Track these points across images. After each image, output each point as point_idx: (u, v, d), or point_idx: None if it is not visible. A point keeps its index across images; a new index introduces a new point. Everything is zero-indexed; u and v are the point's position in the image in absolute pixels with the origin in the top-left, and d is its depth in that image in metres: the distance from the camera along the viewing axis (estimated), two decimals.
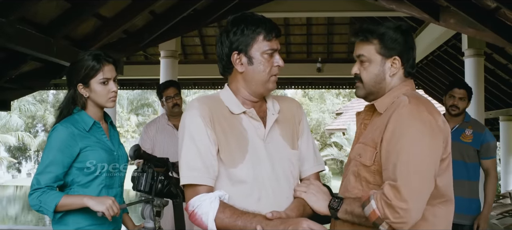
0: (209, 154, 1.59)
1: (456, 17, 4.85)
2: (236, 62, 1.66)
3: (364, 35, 1.70)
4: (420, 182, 1.50)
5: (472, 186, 3.38)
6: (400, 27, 1.70)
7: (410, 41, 1.71)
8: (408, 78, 1.73)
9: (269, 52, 1.64)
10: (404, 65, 1.70)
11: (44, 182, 2.04)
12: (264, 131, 1.68)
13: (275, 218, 1.53)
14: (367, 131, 1.74)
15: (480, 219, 3.37)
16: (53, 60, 4.32)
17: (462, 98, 3.38)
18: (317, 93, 26.96)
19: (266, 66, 1.65)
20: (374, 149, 1.63)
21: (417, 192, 1.49)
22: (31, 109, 24.74)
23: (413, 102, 1.59)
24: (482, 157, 3.38)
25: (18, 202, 17.85)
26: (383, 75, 1.69)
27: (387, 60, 1.68)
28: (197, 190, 1.58)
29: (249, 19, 1.65)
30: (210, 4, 6.05)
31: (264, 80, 1.66)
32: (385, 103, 1.68)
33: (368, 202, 1.52)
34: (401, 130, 1.54)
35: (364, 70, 1.71)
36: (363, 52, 1.70)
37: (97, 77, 2.13)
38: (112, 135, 2.30)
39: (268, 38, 1.63)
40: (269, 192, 1.63)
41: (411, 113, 1.55)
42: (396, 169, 1.50)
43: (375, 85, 1.71)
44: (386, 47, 1.67)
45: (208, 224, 1.53)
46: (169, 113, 3.84)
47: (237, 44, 1.64)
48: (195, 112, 1.62)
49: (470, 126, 3.39)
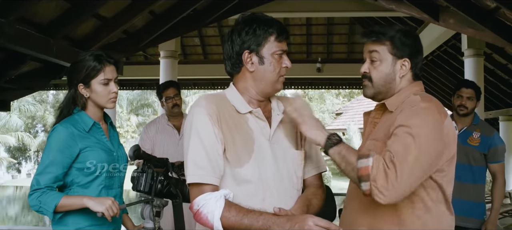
0: (215, 153, 1.59)
1: (456, 17, 4.85)
2: (247, 61, 1.66)
3: (376, 36, 1.73)
4: (418, 169, 1.52)
5: (478, 189, 3.34)
6: (409, 31, 1.75)
7: (419, 45, 1.76)
8: (416, 80, 1.77)
9: (279, 53, 1.67)
10: (413, 68, 1.74)
11: (44, 183, 2.04)
12: (270, 131, 1.69)
13: (282, 214, 1.53)
14: (377, 128, 1.76)
15: (488, 224, 3.32)
16: (53, 60, 4.32)
17: (470, 97, 3.33)
18: (316, 94, 26.98)
19: (276, 67, 1.67)
20: (384, 145, 1.63)
21: (411, 177, 1.51)
22: (31, 110, 24.74)
23: (426, 100, 1.63)
24: (490, 161, 3.32)
25: (18, 202, 17.85)
26: (393, 76, 1.73)
27: (398, 61, 1.72)
28: (202, 189, 1.58)
29: (262, 19, 1.66)
30: (210, 4, 6.05)
31: (274, 80, 1.68)
32: (396, 103, 1.71)
33: (366, 157, 1.53)
34: (413, 120, 1.57)
35: (375, 69, 1.74)
36: (376, 49, 1.73)
37: (98, 78, 2.13)
38: (112, 135, 2.30)
39: (279, 39, 1.66)
40: (273, 192, 1.64)
41: (423, 108, 1.60)
42: (400, 148, 1.52)
43: (384, 85, 1.74)
44: (397, 48, 1.71)
45: (214, 223, 1.52)
46: (168, 113, 3.84)
47: (249, 43, 1.65)
48: (202, 111, 1.61)
49: (478, 129, 3.34)
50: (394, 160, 1.50)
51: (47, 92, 24.44)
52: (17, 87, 4.99)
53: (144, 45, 6.07)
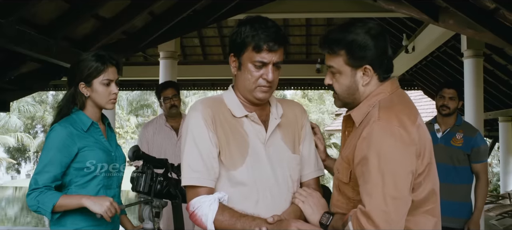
0: (210, 156, 1.62)
1: (455, 18, 4.85)
2: (231, 63, 1.69)
3: (329, 48, 1.58)
4: (391, 205, 1.41)
5: (463, 189, 3.36)
6: (369, 32, 1.54)
7: (381, 45, 1.56)
8: (384, 81, 1.60)
9: (257, 64, 1.62)
10: (377, 71, 1.57)
11: (42, 182, 2.04)
12: (265, 134, 1.69)
13: (275, 222, 1.56)
14: (347, 143, 1.65)
15: (470, 224, 3.34)
16: (52, 61, 4.32)
17: (452, 98, 3.37)
18: (316, 94, 26.97)
19: (252, 76, 1.64)
20: (349, 166, 1.57)
21: (389, 215, 1.41)
22: (31, 110, 24.75)
23: (383, 117, 1.48)
24: (473, 161, 3.35)
25: (17, 203, 17.83)
26: (355, 86, 1.58)
27: (357, 70, 1.56)
28: (197, 191, 1.61)
29: (252, 25, 1.61)
30: (210, 5, 6.05)
31: (250, 88, 1.66)
32: (361, 114, 1.58)
33: (346, 224, 1.50)
34: (370, 151, 1.45)
35: (336, 82, 1.61)
36: (332, 64, 1.59)
37: (100, 78, 2.14)
38: (109, 136, 2.30)
39: (257, 50, 1.59)
40: (267, 195, 1.65)
41: (381, 130, 1.46)
42: (365, 192, 1.45)
43: (349, 96, 1.61)
44: (354, 57, 1.54)
45: (208, 226, 1.57)
46: (167, 114, 3.82)
47: (233, 46, 1.66)
48: (198, 115, 1.64)
49: (461, 130, 3.38)
50: (366, 211, 1.42)
51: (46, 93, 24.43)
52: (17, 88, 4.98)
53: (144, 46, 6.06)
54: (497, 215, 8.48)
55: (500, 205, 9.46)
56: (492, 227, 8.10)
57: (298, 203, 1.69)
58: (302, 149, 1.79)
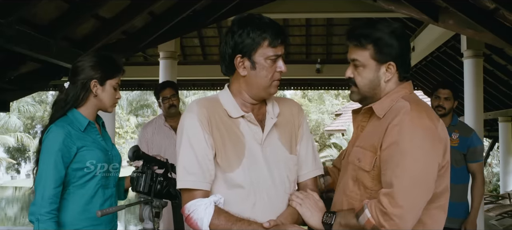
0: (206, 159, 1.60)
1: (455, 18, 4.86)
2: (239, 65, 1.63)
3: (358, 41, 1.64)
4: (417, 189, 1.48)
5: (460, 189, 3.36)
6: (395, 32, 1.63)
7: (405, 46, 1.66)
8: (404, 81, 1.69)
9: (272, 58, 1.62)
10: (399, 70, 1.66)
11: (49, 207, 1.97)
12: (262, 135, 1.67)
13: (272, 227, 1.54)
14: (365, 134, 1.70)
15: (467, 223, 3.35)
16: (52, 61, 4.32)
17: (448, 98, 3.37)
18: (316, 94, 26.95)
19: (268, 72, 1.63)
20: (373, 154, 1.59)
21: (413, 199, 1.47)
22: (30, 110, 24.71)
23: (415, 109, 1.55)
24: (469, 161, 3.35)
25: (17, 203, 17.83)
26: (377, 81, 1.65)
27: (382, 65, 1.64)
28: (193, 194, 1.59)
29: (256, 22, 1.60)
30: (210, 5, 6.05)
31: (266, 85, 1.64)
32: (384, 107, 1.64)
33: (362, 211, 1.51)
34: (402, 137, 1.50)
35: (358, 75, 1.67)
36: (357, 57, 1.65)
37: (114, 80, 2.15)
38: (104, 135, 2.28)
39: (273, 44, 1.60)
40: (264, 197, 1.63)
41: (412, 120, 1.52)
42: (393, 174, 1.49)
43: (369, 91, 1.67)
44: (381, 52, 1.62)
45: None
46: (165, 114, 3.83)
47: (241, 47, 1.60)
48: (193, 116, 1.61)
49: (457, 130, 3.38)
50: (390, 191, 1.46)
51: (46, 93, 24.37)
52: (17, 88, 4.98)
53: (144, 46, 6.07)
54: (497, 215, 8.49)
55: (500, 205, 9.47)
56: (492, 227, 8.10)
57: (295, 205, 1.67)
58: (299, 149, 1.77)
